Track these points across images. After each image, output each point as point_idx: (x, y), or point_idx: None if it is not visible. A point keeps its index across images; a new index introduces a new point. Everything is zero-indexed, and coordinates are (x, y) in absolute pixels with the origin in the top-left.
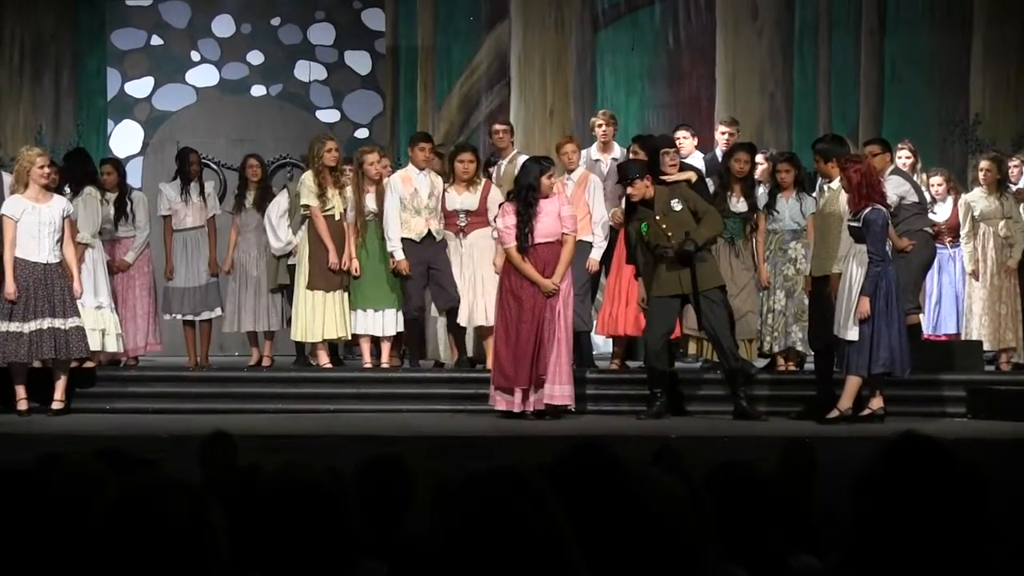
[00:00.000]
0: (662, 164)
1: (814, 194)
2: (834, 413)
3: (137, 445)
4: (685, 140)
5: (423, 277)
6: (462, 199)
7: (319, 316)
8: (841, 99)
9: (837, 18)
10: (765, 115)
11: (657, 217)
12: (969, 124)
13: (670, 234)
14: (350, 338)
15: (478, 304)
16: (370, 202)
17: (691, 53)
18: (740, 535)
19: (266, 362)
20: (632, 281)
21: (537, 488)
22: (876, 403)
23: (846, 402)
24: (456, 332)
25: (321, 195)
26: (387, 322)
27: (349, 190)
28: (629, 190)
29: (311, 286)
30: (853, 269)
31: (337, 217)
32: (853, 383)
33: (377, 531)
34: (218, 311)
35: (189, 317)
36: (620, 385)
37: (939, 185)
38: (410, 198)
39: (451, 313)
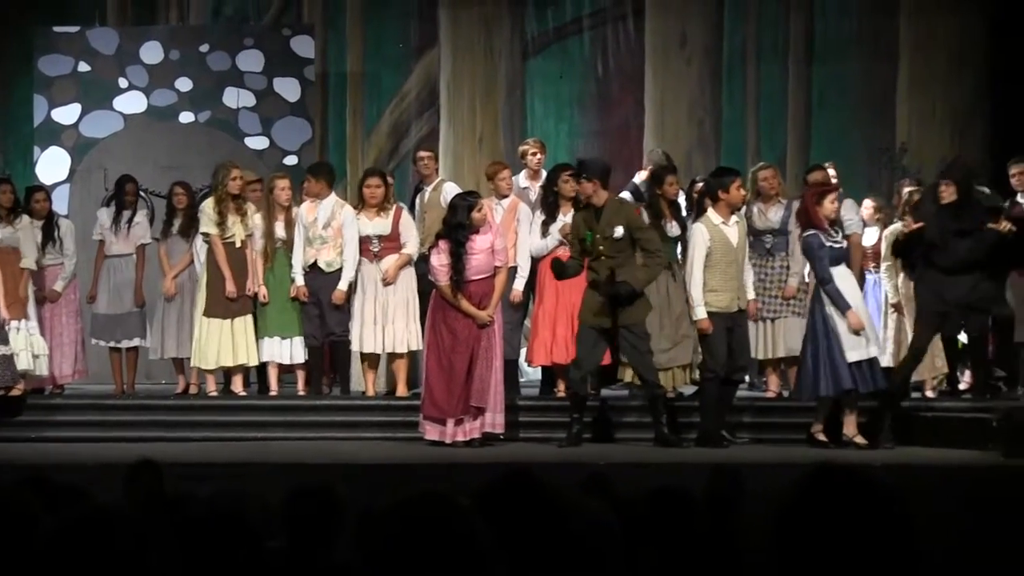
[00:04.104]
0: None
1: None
2: (862, 441)
3: (63, 473)
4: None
5: (315, 306)
6: (373, 225)
7: (214, 343)
8: (769, 126)
9: (765, 46)
10: (694, 142)
11: (598, 236)
12: (895, 152)
13: (603, 258)
14: (253, 365)
15: (388, 331)
16: (279, 229)
17: (620, 81)
18: (668, 560)
19: (193, 389)
20: (570, 304)
21: (465, 515)
22: (818, 428)
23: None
24: (342, 362)
25: (221, 223)
26: (294, 350)
27: (257, 217)
28: (572, 186)
29: (208, 313)
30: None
31: (238, 244)
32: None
33: (305, 559)
34: (137, 340)
35: (113, 344)
36: (548, 412)
37: (870, 208)
38: (309, 226)
39: (334, 345)
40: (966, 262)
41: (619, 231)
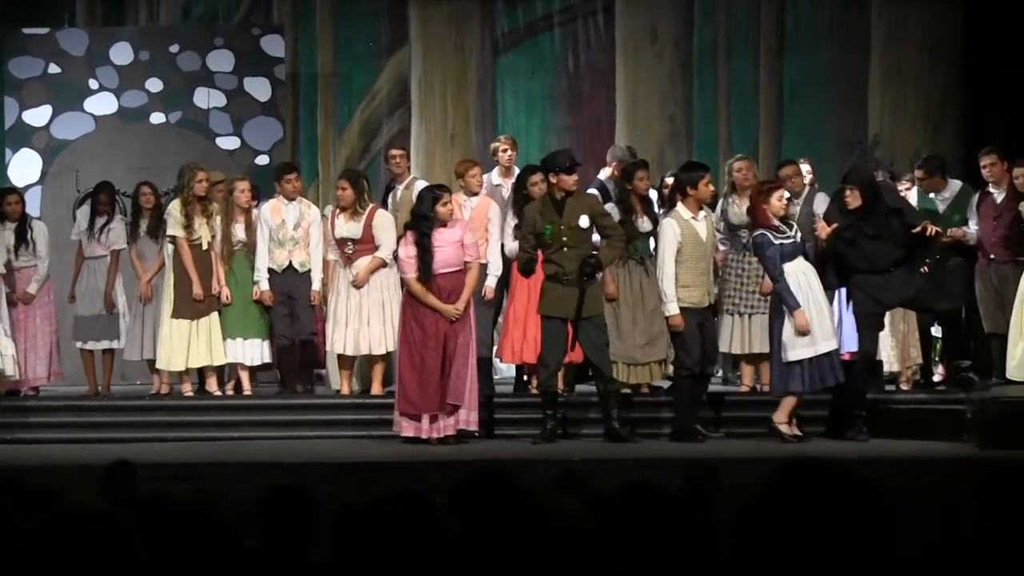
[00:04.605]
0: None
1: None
2: (788, 430)
3: (38, 475)
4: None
5: (285, 306)
6: (348, 227)
7: (184, 345)
8: (741, 120)
9: (736, 39)
10: (665, 137)
11: (562, 227)
12: (868, 144)
13: (566, 248)
14: (221, 364)
15: (363, 332)
16: (238, 231)
17: (591, 76)
18: (642, 557)
19: (164, 389)
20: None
21: (439, 513)
22: (786, 422)
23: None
24: (309, 362)
25: (188, 225)
26: (253, 351)
27: (218, 219)
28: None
29: (176, 315)
30: (815, 286)
31: (204, 246)
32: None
33: (282, 558)
34: (106, 342)
35: (89, 346)
36: (522, 409)
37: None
38: (277, 229)
39: (305, 344)
40: (879, 264)
41: (585, 220)
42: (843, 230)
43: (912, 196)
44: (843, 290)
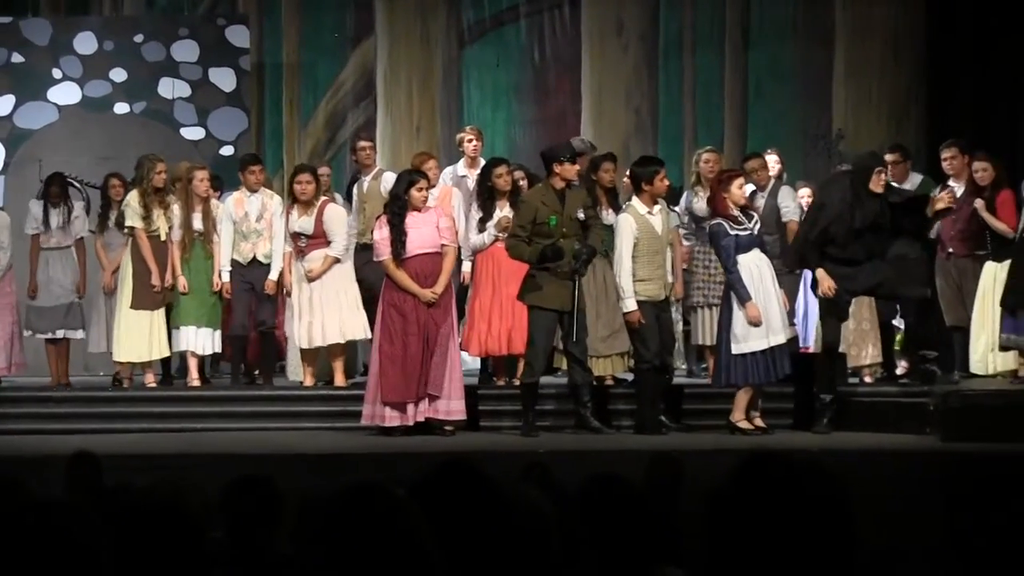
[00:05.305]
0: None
1: (676, 208)
2: (748, 425)
3: (1, 466)
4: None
5: (246, 295)
6: (301, 222)
7: (145, 336)
8: (706, 113)
9: (701, 33)
10: (631, 130)
11: (565, 217)
12: (832, 138)
13: (562, 240)
14: (169, 355)
15: (316, 324)
16: (196, 220)
17: (557, 69)
18: (608, 548)
19: (125, 382)
20: (508, 298)
21: (402, 504)
22: (739, 416)
23: (739, 413)
24: (270, 354)
25: (146, 216)
26: (204, 340)
27: (175, 208)
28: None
29: (136, 305)
30: (767, 278)
31: (162, 238)
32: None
33: (245, 550)
34: (71, 332)
35: (48, 336)
36: (488, 401)
37: (808, 195)
38: (241, 221)
39: (265, 336)
40: (858, 256)
41: (581, 213)
42: (867, 213)
43: None
44: (807, 280)
